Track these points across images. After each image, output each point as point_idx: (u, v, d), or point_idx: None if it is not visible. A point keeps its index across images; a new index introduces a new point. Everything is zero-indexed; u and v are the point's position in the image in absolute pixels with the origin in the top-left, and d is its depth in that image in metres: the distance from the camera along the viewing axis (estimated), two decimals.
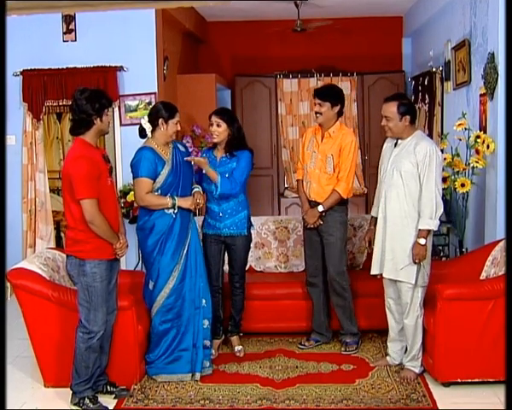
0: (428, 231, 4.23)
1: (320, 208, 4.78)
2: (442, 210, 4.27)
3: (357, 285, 5.03)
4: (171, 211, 4.37)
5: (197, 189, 4.55)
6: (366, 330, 5.14)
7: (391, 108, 4.30)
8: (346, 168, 4.75)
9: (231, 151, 4.71)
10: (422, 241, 4.20)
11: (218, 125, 4.66)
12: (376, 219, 4.48)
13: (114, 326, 4.19)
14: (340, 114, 4.86)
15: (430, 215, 4.20)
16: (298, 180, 5.13)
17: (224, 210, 4.74)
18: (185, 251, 4.43)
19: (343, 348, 4.90)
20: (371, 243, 4.56)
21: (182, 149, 4.58)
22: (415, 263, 4.24)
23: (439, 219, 5.84)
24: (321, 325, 5.03)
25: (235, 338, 4.99)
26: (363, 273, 5.04)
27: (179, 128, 4.50)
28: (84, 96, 3.88)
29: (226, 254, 4.90)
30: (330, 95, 4.80)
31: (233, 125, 4.70)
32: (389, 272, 4.34)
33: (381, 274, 4.43)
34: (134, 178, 4.40)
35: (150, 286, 4.46)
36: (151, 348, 4.50)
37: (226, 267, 4.95)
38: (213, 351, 4.81)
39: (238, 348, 4.92)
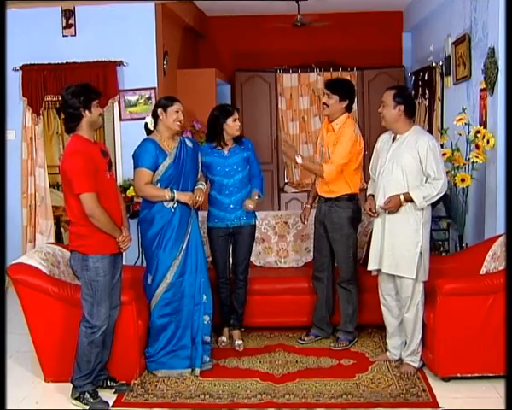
0: (412, 200, 4.20)
1: (299, 159, 4.70)
2: (437, 199, 4.29)
3: (357, 280, 5.03)
4: (170, 205, 4.37)
5: (201, 186, 4.54)
6: (366, 325, 5.14)
7: (387, 95, 4.32)
8: (338, 154, 4.66)
9: (239, 141, 4.85)
10: (402, 198, 4.21)
11: (238, 120, 4.80)
12: (373, 196, 4.46)
13: (116, 321, 4.18)
14: (348, 109, 4.80)
15: (425, 195, 4.19)
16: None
17: (235, 201, 4.78)
18: (184, 246, 4.42)
19: (332, 344, 4.89)
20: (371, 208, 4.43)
21: (189, 144, 4.57)
22: (384, 210, 4.25)
23: (439, 215, 5.91)
24: (322, 319, 5.03)
25: (236, 332, 5.00)
26: (362, 268, 5.03)
27: (181, 117, 4.45)
28: (69, 91, 3.90)
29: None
30: (340, 88, 4.77)
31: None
32: (389, 267, 4.33)
33: (378, 270, 4.44)
34: (134, 168, 4.44)
35: (149, 280, 4.48)
36: (150, 342, 4.50)
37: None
38: (225, 338, 4.93)
39: (238, 342, 4.92)
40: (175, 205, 4.37)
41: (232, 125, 4.75)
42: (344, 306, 4.92)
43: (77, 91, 3.90)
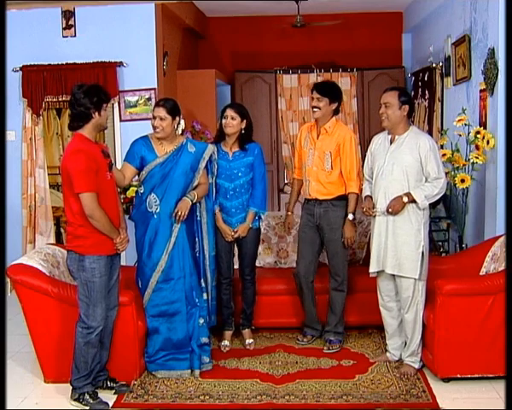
0: (414, 200, 4.22)
1: (350, 217, 4.73)
2: (437, 198, 4.32)
3: (357, 281, 5.03)
4: (153, 209, 4.37)
5: (187, 198, 4.38)
6: (365, 326, 5.15)
7: (391, 96, 4.32)
8: (352, 166, 4.71)
9: (243, 145, 4.75)
10: (405, 199, 4.22)
11: (233, 119, 4.68)
12: (370, 196, 4.47)
13: (115, 322, 4.19)
14: (336, 112, 4.82)
15: (427, 194, 4.21)
16: (293, 178, 5.14)
17: (235, 206, 4.77)
18: (168, 251, 4.38)
19: (326, 347, 4.87)
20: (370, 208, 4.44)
21: (191, 149, 4.49)
22: (388, 212, 4.25)
23: (439, 216, 5.91)
24: (313, 319, 5.03)
25: (246, 331, 5.03)
26: (362, 269, 5.02)
27: (158, 124, 4.36)
28: (82, 91, 3.89)
29: (236, 247, 4.96)
30: (329, 91, 4.78)
31: (246, 120, 4.75)
32: (392, 267, 4.32)
33: (377, 271, 4.43)
34: None
35: (139, 284, 4.51)
36: (147, 342, 4.51)
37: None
38: (227, 343, 4.91)
39: (249, 341, 4.97)
40: (157, 210, 4.37)
41: (223, 123, 4.74)
42: (337, 308, 4.90)
43: (90, 92, 3.90)
